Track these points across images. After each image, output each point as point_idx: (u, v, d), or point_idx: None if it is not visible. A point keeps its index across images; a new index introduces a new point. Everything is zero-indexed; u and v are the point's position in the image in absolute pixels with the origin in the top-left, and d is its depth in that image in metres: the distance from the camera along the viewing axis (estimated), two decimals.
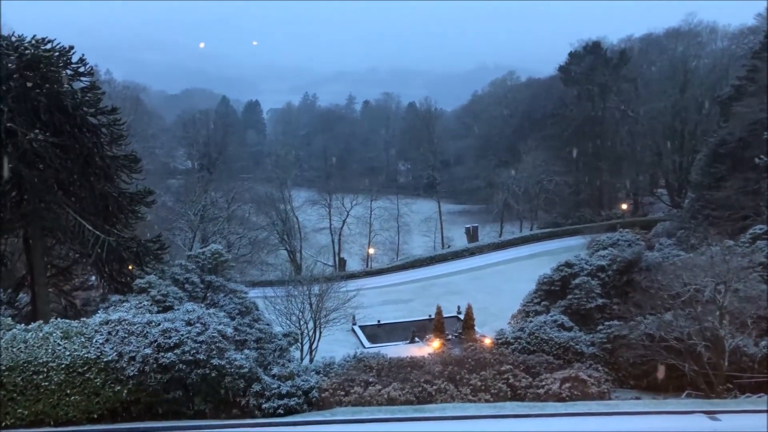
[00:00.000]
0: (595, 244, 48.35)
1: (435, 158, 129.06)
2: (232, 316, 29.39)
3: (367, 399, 23.70)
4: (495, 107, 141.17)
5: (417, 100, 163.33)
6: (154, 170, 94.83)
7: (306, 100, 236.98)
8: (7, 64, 26.80)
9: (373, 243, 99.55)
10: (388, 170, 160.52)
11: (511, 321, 41.82)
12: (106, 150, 29.97)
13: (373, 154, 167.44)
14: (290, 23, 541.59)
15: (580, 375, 26.86)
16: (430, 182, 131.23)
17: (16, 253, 31.87)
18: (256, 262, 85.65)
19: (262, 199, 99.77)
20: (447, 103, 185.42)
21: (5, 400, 19.36)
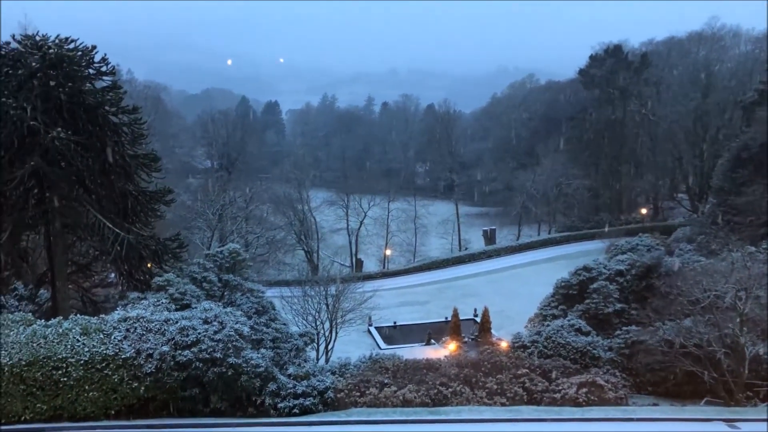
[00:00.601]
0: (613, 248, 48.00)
1: (453, 160, 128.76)
2: (249, 315, 29.53)
3: (383, 400, 23.67)
4: (514, 110, 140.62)
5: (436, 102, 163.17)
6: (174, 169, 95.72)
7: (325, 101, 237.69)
8: (31, 63, 27.15)
9: (390, 244, 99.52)
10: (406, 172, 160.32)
11: (528, 325, 41.60)
12: (127, 149, 30.25)
13: (392, 155, 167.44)
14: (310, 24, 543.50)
15: (597, 380, 26.63)
16: (448, 184, 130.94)
17: (38, 250, 32.30)
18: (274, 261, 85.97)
19: (280, 199, 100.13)
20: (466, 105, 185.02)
21: (25, 394, 19.59)
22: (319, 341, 43.40)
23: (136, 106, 31.25)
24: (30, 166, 27.00)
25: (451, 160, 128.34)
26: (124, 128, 30.16)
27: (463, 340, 48.80)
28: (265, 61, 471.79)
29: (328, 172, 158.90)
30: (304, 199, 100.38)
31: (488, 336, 46.12)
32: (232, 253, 32.63)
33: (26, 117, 26.63)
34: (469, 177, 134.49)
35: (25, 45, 27.56)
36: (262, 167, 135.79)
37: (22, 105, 26.61)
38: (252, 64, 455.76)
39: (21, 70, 27.13)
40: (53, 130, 26.85)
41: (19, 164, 27.20)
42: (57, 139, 26.69)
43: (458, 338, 47.65)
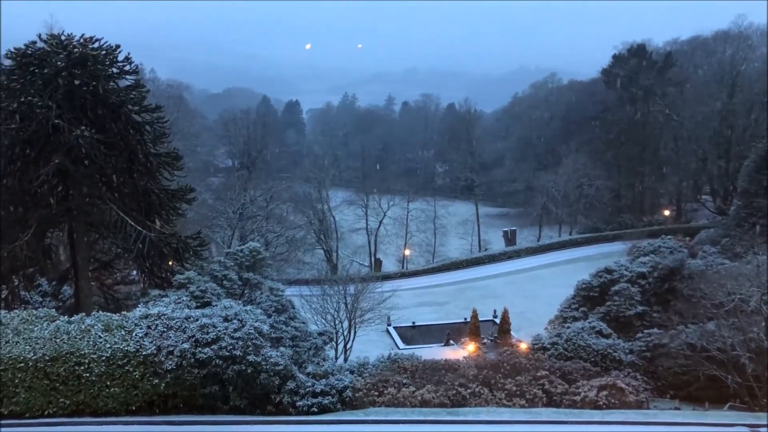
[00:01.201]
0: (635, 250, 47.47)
1: (473, 160, 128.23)
2: (269, 313, 29.65)
3: (401, 400, 23.63)
4: (535, 110, 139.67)
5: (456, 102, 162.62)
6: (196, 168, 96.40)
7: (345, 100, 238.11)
8: (57, 62, 27.48)
9: (409, 244, 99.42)
10: (426, 172, 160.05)
11: (548, 326, 41.30)
12: (150, 147, 30.50)
13: (411, 155, 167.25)
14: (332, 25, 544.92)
15: (617, 383, 26.36)
16: (468, 184, 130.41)
17: (61, 247, 32.68)
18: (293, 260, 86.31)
19: (300, 198, 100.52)
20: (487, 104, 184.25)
21: (48, 389, 19.85)
22: (337, 340, 43.49)
23: (158, 105, 31.53)
24: (54, 164, 27.32)
25: (471, 160, 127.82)
26: (147, 127, 30.42)
27: (482, 342, 48.58)
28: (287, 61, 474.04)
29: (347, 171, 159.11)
30: (324, 198, 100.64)
31: (508, 337, 45.87)
32: (252, 251, 32.79)
33: (51, 115, 26.96)
34: (489, 177, 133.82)
35: (51, 44, 27.90)
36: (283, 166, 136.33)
37: (47, 103, 26.97)
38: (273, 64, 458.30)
39: (46, 69, 27.49)
40: (77, 128, 27.14)
41: (44, 162, 27.56)
42: (81, 138, 26.98)
43: (477, 339, 47.46)
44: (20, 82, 27.66)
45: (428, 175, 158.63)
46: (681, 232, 76.71)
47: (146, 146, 30.28)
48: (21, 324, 20.72)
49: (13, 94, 27.72)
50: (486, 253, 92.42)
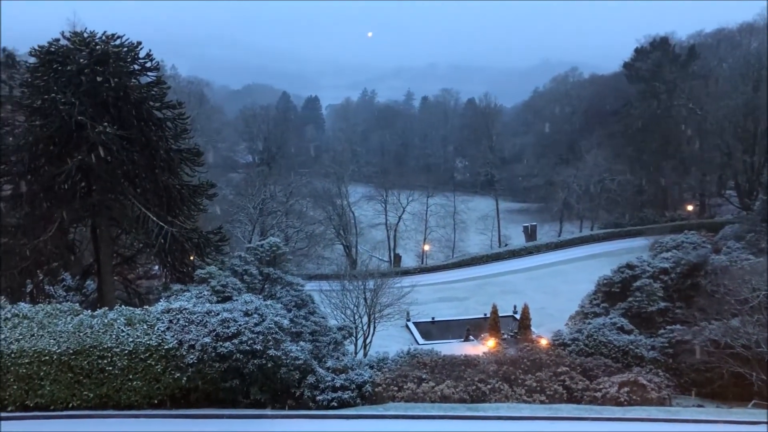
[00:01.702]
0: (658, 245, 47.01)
1: (493, 155, 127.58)
2: (289, 308, 29.79)
3: (420, 395, 23.63)
4: (556, 104, 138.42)
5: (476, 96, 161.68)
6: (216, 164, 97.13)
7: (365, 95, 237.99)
8: (79, 59, 27.78)
9: (428, 240, 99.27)
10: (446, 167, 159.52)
11: (569, 322, 41.04)
12: (171, 143, 30.76)
13: (431, 150, 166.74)
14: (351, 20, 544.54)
15: (639, 379, 26.13)
16: (487, 179, 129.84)
17: (84, 242, 33.09)
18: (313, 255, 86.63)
19: (320, 193, 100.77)
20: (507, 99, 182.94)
21: (72, 382, 20.13)
22: (357, 335, 43.58)
23: (179, 102, 31.75)
24: (77, 160, 27.65)
25: (491, 155, 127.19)
26: (168, 123, 30.66)
27: (502, 337, 48.40)
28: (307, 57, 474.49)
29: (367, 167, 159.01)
30: (343, 193, 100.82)
31: (528, 333, 45.66)
32: (272, 246, 32.95)
33: (74, 112, 27.29)
34: (509, 172, 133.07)
35: (74, 42, 28.22)
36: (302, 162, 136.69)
37: (70, 100, 27.29)
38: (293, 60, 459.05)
39: (69, 66, 27.80)
40: (100, 124, 27.44)
41: (67, 158, 27.89)
42: (103, 134, 27.27)
43: (497, 335, 47.29)
44: (44, 80, 28.03)
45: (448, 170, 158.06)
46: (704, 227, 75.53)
47: (168, 142, 30.53)
48: (45, 318, 21.03)
49: (37, 91, 28.11)
50: (506, 249, 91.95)
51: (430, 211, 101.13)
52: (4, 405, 19.82)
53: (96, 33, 28.82)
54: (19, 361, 19.65)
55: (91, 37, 28.48)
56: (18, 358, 19.65)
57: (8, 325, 20.44)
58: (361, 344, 44.43)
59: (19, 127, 29.06)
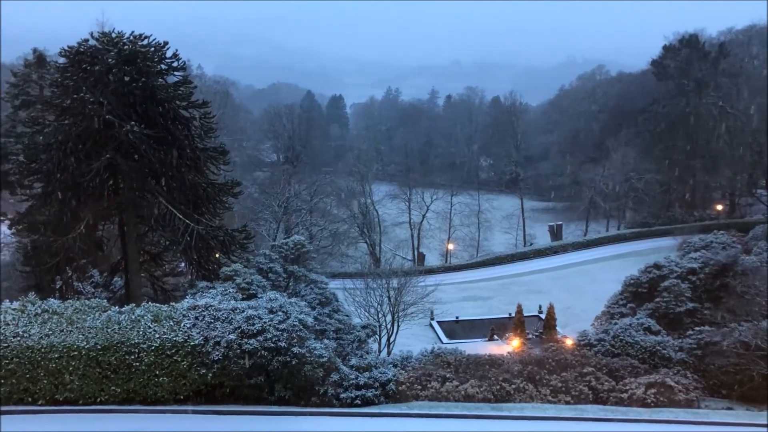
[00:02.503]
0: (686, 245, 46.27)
1: (518, 154, 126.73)
2: (313, 305, 29.88)
3: (444, 395, 23.55)
4: (583, 102, 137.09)
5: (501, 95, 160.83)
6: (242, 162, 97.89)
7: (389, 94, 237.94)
8: (107, 59, 28.16)
9: (452, 238, 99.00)
10: (470, 165, 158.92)
11: (595, 323, 40.62)
12: (197, 142, 31.04)
13: (455, 149, 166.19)
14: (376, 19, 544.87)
15: (666, 381, 25.74)
16: (512, 178, 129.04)
17: (112, 240, 33.56)
18: (337, 253, 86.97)
19: (344, 192, 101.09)
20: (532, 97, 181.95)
21: (100, 377, 20.41)
22: (380, 334, 43.60)
23: (205, 101, 32.04)
24: (105, 158, 28.02)
25: (516, 154, 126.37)
26: (194, 122, 30.95)
27: (527, 337, 48.09)
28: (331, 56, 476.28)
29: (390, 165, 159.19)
30: (367, 192, 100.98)
31: (553, 333, 45.31)
32: (296, 244, 33.09)
33: (102, 111, 27.67)
34: (535, 171, 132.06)
35: (102, 42, 28.60)
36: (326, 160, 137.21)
37: (98, 100, 27.68)
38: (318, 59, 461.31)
39: (98, 66, 28.20)
40: (127, 123, 27.79)
41: (96, 157, 28.29)
42: (131, 133, 27.62)
43: (522, 335, 47.00)
44: (73, 79, 28.46)
45: (472, 168, 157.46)
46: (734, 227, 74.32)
47: (194, 141, 30.82)
48: (74, 314, 21.33)
49: (67, 91, 28.57)
50: (531, 248, 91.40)
51: (455, 209, 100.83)
52: (35, 399, 20.16)
53: (124, 33, 29.19)
54: (49, 356, 19.97)
55: (119, 38, 28.84)
56: (48, 353, 19.97)
57: (38, 320, 20.78)
58: (385, 343, 44.46)
59: (49, 126, 29.54)
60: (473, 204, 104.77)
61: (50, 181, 28.98)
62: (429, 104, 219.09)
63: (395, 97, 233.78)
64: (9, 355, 19.79)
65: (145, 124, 28.65)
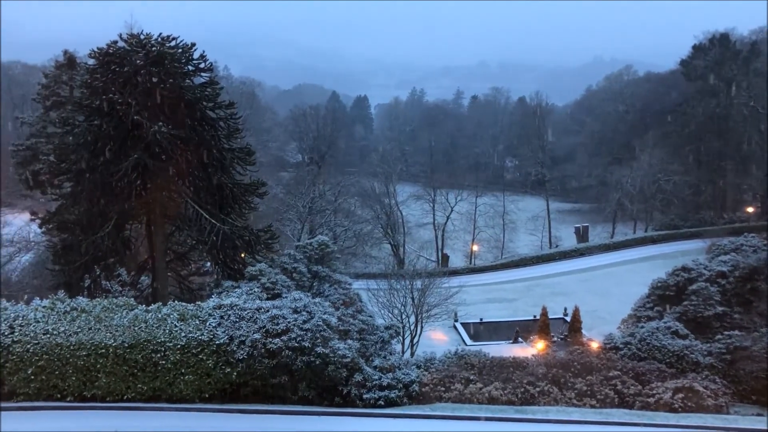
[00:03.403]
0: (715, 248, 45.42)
1: (544, 155, 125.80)
2: (337, 306, 29.92)
3: (468, 396, 23.45)
4: (610, 103, 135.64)
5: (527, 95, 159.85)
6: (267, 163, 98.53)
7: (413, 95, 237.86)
8: (136, 60, 28.52)
9: (477, 240, 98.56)
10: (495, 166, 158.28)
11: (621, 326, 40.09)
12: (223, 143, 31.26)
13: (480, 149, 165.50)
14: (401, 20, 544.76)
15: (694, 386, 25.32)
16: (538, 179, 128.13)
17: (140, 239, 33.95)
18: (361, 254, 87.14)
19: (368, 193, 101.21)
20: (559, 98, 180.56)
21: (127, 375, 20.68)
22: (404, 335, 43.57)
23: (232, 102, 32.24)
24: (134, 158, 28.34)
25: (542, 155, 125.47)
26: (221, 123, 31.17)
27: (552, 340, 47.72)
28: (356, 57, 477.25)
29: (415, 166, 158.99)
30: (391, 193, 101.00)
31: (578, 336, 44.89)
32: (321, 245, 33.19)
33: (131, 112, 28.02)
34: (561, 172, 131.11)
35: (131, 43, 28.95)
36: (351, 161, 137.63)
37: (127, 101, 28.04)
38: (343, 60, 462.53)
39: (126, 67, 28.55)
40: (155, 124, 28.09)
41: (124, 157, 28.62)
42: (158, 133, 27.92)
43: (547, 337, 46.63)
44: (102, 80, 28.84)
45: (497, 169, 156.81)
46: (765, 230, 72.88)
47: (220, 142, 31.05)
48: (102, 312, 21.64)
49: (96, 92, 28.97)
50: (557, 250, 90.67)
51: (479, 210, 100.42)
52: (63, 395, 20.49)
53: (152, 35, 29.49)
54: (77, 353, 20.29)
55: (147, 39, 29.16)
56: (76, 350, 20.29)
57: (67, 318, 21.12)
58: (408, 344, 44.40)
59: (79, 126, 29.98)
60: (498, 205, 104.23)
61: (80, 181, 29.39)
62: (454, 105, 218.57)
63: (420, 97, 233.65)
64: (39, 352, 20.16)
65: (172, 124, 28.92)
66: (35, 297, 23.29)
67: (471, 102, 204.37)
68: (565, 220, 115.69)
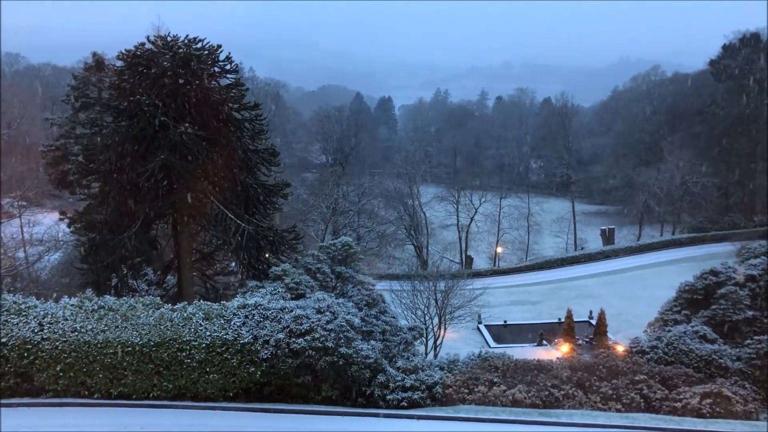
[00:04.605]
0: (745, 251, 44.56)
1: (570, 156, 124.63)
2: (360, 306, 29.95)
3: (491, 399, 23.30)
4: (637, 103, 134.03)
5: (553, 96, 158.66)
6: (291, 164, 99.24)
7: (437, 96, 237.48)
8: (163, 62, 28.84)
9: (501, 242, 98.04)
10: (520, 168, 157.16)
11: (647, 329, 39.50)
12: (248, 144, 31.49)
13: (504, 151, 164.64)
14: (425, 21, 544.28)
15: (723, 391, 24.87)
16: (563, 181, 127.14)
17: (166, 239, 34.32)
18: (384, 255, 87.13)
19: (391, 194, 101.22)
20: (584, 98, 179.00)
21: (153, 373, 20.91)
22: (427, 336, 43.47)
23: (257, 103, 32.43)
24: (160, 159, 28.65)
25: (567, 156, 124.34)
26: (246, 124, 31.39)
27: (577, 343, 47.27)
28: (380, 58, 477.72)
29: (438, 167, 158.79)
30: (415, 194, 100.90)
31: (604, 339, 44.43)
32: (344, 245, 33.25)
33: (157, 113, 28.33)
34: (586, 173, 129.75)
35: (158, 45, 29.29)
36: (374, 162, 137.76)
37: (154, 102, 28.36)
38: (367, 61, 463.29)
39: (153, 69, 28.87)
40: (181, 125, 28.38)
41: (151, 158, 28.94)
42: (185, 134, 28.19)
43: (572, 340, 46.23)
44: (130, 82, 29.22)
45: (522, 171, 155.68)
46: None
47: (245, 143, 31.28)
48: (129, 310, 21.90)
49: (124, 93, 29.35)
50: (582, 252, 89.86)
51: (503, 212, 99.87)
52: (91, 392, 20.77)
53: (179, 37, 29.79)
54: (104, 350, 20.56)
55: (174, 41, 29.47)
56: (104, 348, 20.56)
57: (95, 316, 21.41)
58: (432, 345, 44.29)
59: (107, 127, 30.40)
60: (523, 207, 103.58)
61: (107, 181, 29.79)
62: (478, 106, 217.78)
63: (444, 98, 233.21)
64: (67, 349, 20.46)
65: (198, 125, 29.18)
66: (64, 295, 23.63)
67: (496, 103, 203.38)
68: (591, 222, 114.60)
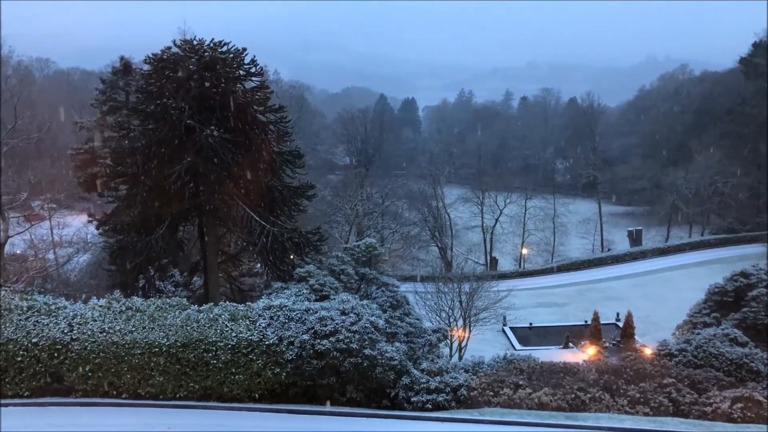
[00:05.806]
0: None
1: (596, 156, 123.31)
2: (384, 308, 29.95)
3: (517, 402, 23.11)
4: (664, 103, 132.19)
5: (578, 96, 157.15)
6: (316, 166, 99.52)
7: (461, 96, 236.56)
8: (189, 65, 29.15)
9: (526, 243, 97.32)
10: (545, 168, 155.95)
11: (676, 332, 38.94)
12: (273, 146, 31.65)
13: (530, 151, 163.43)
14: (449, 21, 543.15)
15: (755, 395, 24.36)
16: (590, 181, 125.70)
17: (192, 240, 34.66)
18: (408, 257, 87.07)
19: (415, 195, 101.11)
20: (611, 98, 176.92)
21: (179, 373, 21.10)
22: (452, 338, 43.30)
23: (281, 105, 32.62)
24: (186, 162, 28.95)
25: (593, 156, 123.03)
26: (271, 126, 31.57)
27: (604, 345, 46.73)
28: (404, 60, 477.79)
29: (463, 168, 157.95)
30: (439, 195, 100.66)
31: (631, 342, 43.84)
32: (368, 247, 33.29)
33: (184, 116, 28.64)
34: (613, 174, 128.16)
35: (184, 49, 29.61)
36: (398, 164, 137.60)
37: (180, 105, 28.67)
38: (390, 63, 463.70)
39: (180, 72, 29.20)
40: (207, 128, 28.65)
41: (177, 160, 29.26)
42: (210, 137, 28.45)
43: (598, 343, 45.71)
44: (157, 86, 29.59)
45: (548, 171, 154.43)
46: None
47: (270, 145, 31.45)
48: (156, 311, 22.13)
49: (151, 97, 29.74)
50: (609, 254, 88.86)
51: (529, 213, 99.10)
52: (119, 392, 21.03)
53: (204, 40, 30.08)
54: (132, 351, 20.80)
55: (199, 44, 29.76)
56: (131, 349, 20.80)
57: (123, 317, 21.67)
58: (456, 347, 44.12)
59: (134, 130, 30.80)
60: (548, 208, 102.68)
61: (135, 184, 30.17)
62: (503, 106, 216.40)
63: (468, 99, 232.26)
64: (96, 350, 20.74)
65: (223, 128, 29.44)
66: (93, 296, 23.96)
67: (520, 103, 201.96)
68: (618, 224, 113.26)
